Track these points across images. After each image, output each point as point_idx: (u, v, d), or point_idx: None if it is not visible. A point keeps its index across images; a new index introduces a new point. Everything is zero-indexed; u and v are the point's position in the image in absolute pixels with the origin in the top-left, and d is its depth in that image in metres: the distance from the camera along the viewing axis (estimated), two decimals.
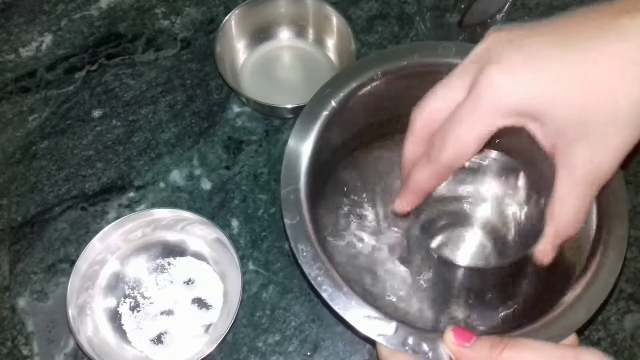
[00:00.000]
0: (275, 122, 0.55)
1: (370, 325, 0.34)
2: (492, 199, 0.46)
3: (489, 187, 0.46)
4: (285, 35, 0.59)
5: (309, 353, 0.45)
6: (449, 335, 0.31)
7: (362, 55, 0.57)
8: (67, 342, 0.45)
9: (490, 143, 0.32)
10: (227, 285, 0.46)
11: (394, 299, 0.44)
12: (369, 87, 0.43)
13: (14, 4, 0.61)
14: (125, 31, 0.60)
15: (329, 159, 0.44)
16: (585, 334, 0.46)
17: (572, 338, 0.34)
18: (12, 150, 0.53)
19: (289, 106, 0.51)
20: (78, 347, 0.44)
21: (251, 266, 0.48)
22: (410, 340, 0.33)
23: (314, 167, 0.41)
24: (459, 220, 0.46)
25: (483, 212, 0.46)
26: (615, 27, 0.28)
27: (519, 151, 0.44)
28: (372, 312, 0.34)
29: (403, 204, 0.37)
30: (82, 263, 0.44)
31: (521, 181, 0.43)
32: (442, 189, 0.44)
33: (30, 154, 0.53)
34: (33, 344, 0.45)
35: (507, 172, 0.44)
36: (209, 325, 0.45)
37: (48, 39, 0.59)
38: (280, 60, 0.59)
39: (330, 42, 0.58)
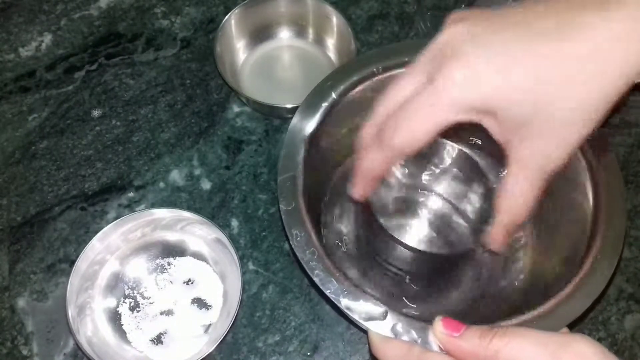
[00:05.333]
0: (275, 122, 0.55)
1: (360, 310, 0.34)
2: (447, 189, 0.47)
3: (445, 178, 0.46)
4: (285, 35, 0.59)
5: (309, 353, 0.45)
6: (438, 325, 0.31)
7: None
8: (67, 342, 0.45)
9: (446, 133, 0.32)
10: (227, 285, 0.46)
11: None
12: (369, 81, 0.43)
13: (14, 4, 0.61)
14: (125, 31, 0.60)
15: (328, 150, 0.44)
16: (586, 334, 0.46)
17: (564, 331, 0.34)
18: (11, 150, 0.53)
19: (289, 106, 0.50)
20: (78, 347, 0.44)
21: (251, 266, 0.48)
22: (400, 327, 0.33)
23: (312, 156, 0.41)
24: (412, 205, 0.47)
25: (435, 201, 0.47)
26: (574, 24, 0.28)
27: (475, 141, 0.45)
28: (363, 298, 0.35)
29: (357, 191, 0.37)
30: (82, 263, 0.44)
31: (475, 173, 0.44)
32: (400, 175, 0.46)
33: (29, 154, 0.53)
34: (33, 344, 0.45)
35: (462, 163, 0.44)
36: (209, 325, 0.45)
37: (48, 38, 0.59)
38: (280, 60, 0.59)
39: (330, 42, 0.58)
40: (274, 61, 0.59)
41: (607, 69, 0.27)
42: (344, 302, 0.34)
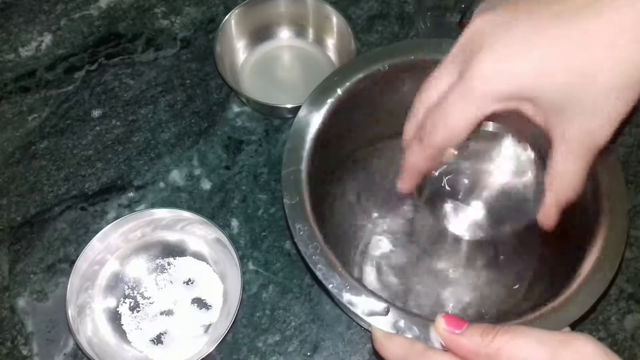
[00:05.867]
0: (275, 122, 0.55)
1: (363, 305, 0.34)
2: (494, 172, 0.46)
3: (490, 161, 0.46)
4: (285, 35, 0.59)
5: (309, 353, 0.45)
6: (440, 322, 0.31)
7: None
8: (67, 342, 0.45)
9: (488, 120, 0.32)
10: (227, 285, 0.46)
11: (396, 280, 0.45)
12: (374, 78, 0.43)
13: (14, 4, 0.61)
14: (124, 31, 0.60)
15: (333, 145, 0.44)
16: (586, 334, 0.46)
17: (566, 331, 0.34)
18: (11, 150, 0.53)
19: (289, 106, 0.50)
20: (78, 347, 0.44)
21: (251, 266, 0.48)
22: (402, 323, 0.33)
23: (316, 151, 0.41)
24: (461, 192, 0.47)
25: (484, 185, 0.47)
26: (603, 3, 0.28)
27: (516, 124, 0.44)
28: (365, 293, 0.35)
29: (403, 184, 0.38)
30: (82, 263, 0.44)
31: (522, 154, 0.44)
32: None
33: (29, 154, 0.53)
34: (33, 344, 0.45)
35: (507, 145, 0.44)
36: (209, 325, 0.45)
37: (48, 38, 0.59)
38: (280, 60, 0.59)
39: (330, 42, 0.58)
40: (274, 61, 0.59)
41: (634, 43, 0.27)
42: (346, 297, 0.34)
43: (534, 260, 0.45)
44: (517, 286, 0.44)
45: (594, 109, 0.29)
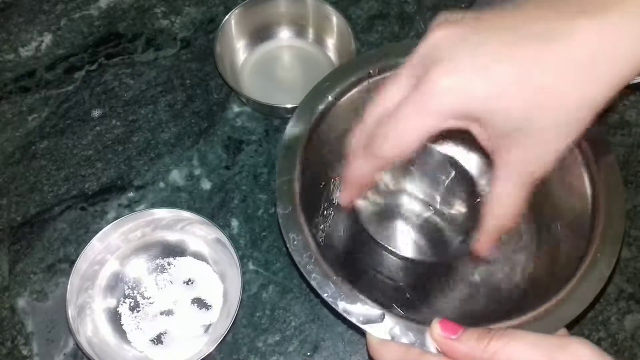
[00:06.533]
0: (275, 122, 0.55)
1: (358, 313, 0.34)
2: (432, 196, 0.46)
3: (431, 183, 0.46)
4: (285, 35, 0.59)
5: (309, 353, 0.45)
6: (436, 327, 0.31)
7: None
8: (67, 342, 0.45)
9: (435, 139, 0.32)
10: (227, 285, 0.46)
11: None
12: (365, 83, 0.43)
13: (14, 4, 0.61)
14: (124, 31, 0.60)
15: (325, 153, 0.44)
16: (586, 334, 0.46)
17: (563, 332, 0.34)
18: (11, 150, 0.53)
19: (289, 106, 0.50)
20: (78, 347, 0.44)
21: (251, 266, 0.48)
22: (397, 330, 0.33)
23: (309, 159, 0.41)
24: (400, 212, 0.47)
25: (422, 208, 0.47)
26: (564, 28, 0.27)
27: (462, 146, 0.44)
28: (360, 301, 0.35)
29: (345, 197, 0.37)
30: (82, 263, 0.44)
31: (462, 178, 0.44)
32: (389, 181, 0.45)
33: (29, 154, 0.53)
34: (33, 344, 0.45)
35: (448, 168, 0.44)
36: (209, 325, 0.45)
37: (48, 38, 0.59)
38: (280, 60, 0.59)
39: (330, 42, 0.58)
40: (274, 61, 0.59)
41: (598, 73, 0.27)
42: (342, 306, 0.34)
43: (530, 261, 0.45)
44: (512, 287, 0.44)
45: (541, 138, 0.29)
